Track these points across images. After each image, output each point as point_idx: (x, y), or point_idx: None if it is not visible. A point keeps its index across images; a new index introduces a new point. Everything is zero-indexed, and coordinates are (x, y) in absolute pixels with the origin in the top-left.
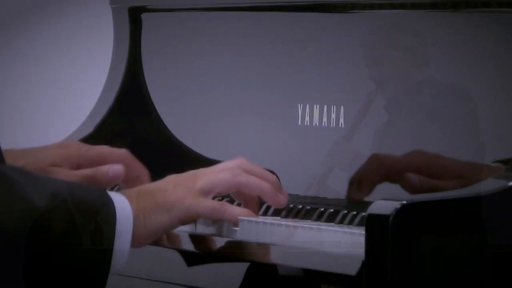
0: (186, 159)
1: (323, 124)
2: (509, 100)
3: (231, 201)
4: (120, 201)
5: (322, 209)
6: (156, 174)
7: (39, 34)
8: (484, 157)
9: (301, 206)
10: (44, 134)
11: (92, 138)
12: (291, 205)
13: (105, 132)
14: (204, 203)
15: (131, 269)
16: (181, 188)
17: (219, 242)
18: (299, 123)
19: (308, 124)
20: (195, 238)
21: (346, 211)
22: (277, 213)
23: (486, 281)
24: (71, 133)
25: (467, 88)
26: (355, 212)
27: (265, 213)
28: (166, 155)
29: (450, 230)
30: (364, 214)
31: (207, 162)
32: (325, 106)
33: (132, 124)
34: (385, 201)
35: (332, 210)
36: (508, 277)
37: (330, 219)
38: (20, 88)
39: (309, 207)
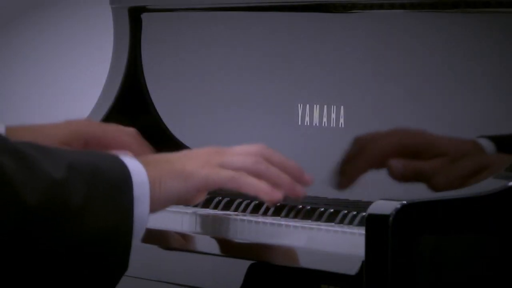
0: None
1: (323, 124)
2: (509, 100)
3: (231, 201)
4: (135, 166)
5: (322, 209)
6: None
7: (39, 34)
8: (485, 154)
9: (301, 206)
10: None
11: None
12: (291, 205)
13: None
14: (222, 172)
15: (131, 269)
16: (200, 160)
17: (219, 242)
18: (299, 123)
19: (308, 124)
20: (195, 238)
21: (346, 211)
22: (277, 213)
23: (486, 281)
24: None
25: (467, 88)
26: (355, 212)
27: (265, 213)
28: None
29: (450, 230)
30: (364, 214)
31: None
32: (325, 106)
33: (132, 124)
34: (385, 201)
35: (332, 210)
36: (508, 277)
37: (330, 219)
38: (20, 88)
39: (309, 207)
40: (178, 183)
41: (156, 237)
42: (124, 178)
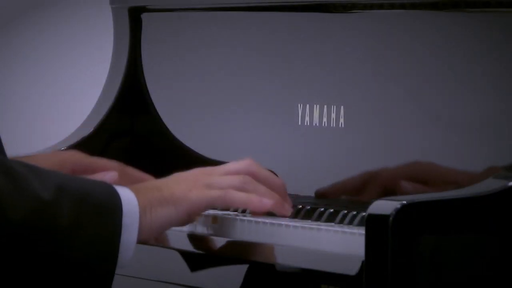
0: (186, 159)
1: (323, 124)
2: (509, 101)
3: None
4: (126, 194)
5: (322, 209)
6: (156, 174)
7: (39, 34)
8: (483, 158)
9: (301, 206)
10: (44, 134)
11: (92, 138)
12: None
13: (105, 132)
14: (210, 192)
15: (131, 269)
16: (188, 183)
17: (219, 242)
18: (299, 123)
19: (308, 124)
20: (195, 238)
21: (346, 211)
22: None
23: (486, 281)
24: (71, 133)
25: (467, 88)
26: (355, 212)
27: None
28: (166, 155)
29: (450, 230)
30: (364, 214)
31: (207, 162)
32: (325, 106)
33: (132, 124)
34: (385, 201)
35: (332, 210)
36: (508, 277)
37: (330, 219)
38: (20, 88)
39: (309, 207)
40: (168, 209)
41: (156, 237)
42: (114, 205)
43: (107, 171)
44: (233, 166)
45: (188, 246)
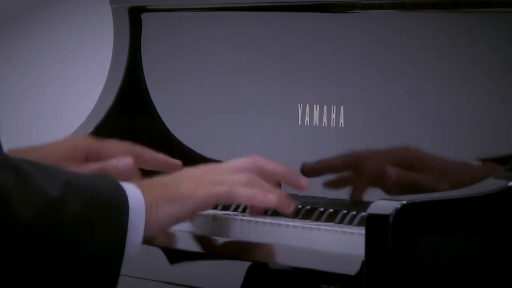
0: (186, 159)
1: (323, 124)
2: (509, 100)
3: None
4: (132, 190)
5: (322, 209)
6: (156, 173)
7: (39, 34)
8: (479, 156)
9: (301, 206)
10: (44, 134)
11: None
12: None
13: (105, 132)
14: (215, 190)
15: (131, 269)
16: (194, 181)
17: (219, 242)
18: (299, 123)
19: (308, 124)
20: (195, 238)
21: (346, 211)
22: (277, 213)
23: (486, 281)
24: (71, 133)
25: (467, 88)
26: (355, 212)
27: (265, 213)
28: (166, 155)
29: (450, 230)
30: (364, 214)
31: (207, 162)
32: (325, 106)
33: (132, 124)
34: (385, 201)
35: (332, 210)
36: (508, 277)
37: (330, 219)
38: (20, 88)
39: (309, 207)
40: (175, 207)
41: (156, 237)
42: (120, 202)
43: (122, 157)
44: (238, 162)
45: (188, 246)
